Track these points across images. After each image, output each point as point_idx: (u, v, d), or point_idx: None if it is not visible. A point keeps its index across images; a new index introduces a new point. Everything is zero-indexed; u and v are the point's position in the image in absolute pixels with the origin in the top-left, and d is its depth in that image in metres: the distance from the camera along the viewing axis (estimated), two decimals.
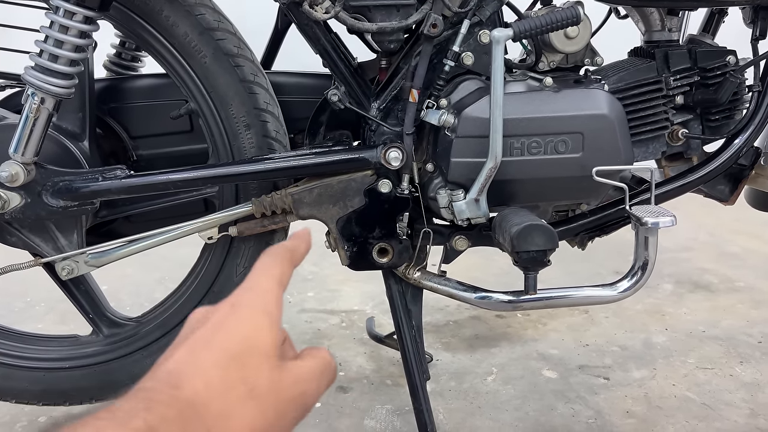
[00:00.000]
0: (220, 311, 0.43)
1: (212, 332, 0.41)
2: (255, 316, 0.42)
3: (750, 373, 1.46)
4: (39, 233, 1.08)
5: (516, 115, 0.98)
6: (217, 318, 0.42)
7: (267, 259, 0.48)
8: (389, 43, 1.03)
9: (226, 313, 0.42)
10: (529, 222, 0.93)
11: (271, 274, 0.46)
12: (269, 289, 0.45)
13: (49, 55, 0.95)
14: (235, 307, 0.43)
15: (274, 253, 0.49)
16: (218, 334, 0.41)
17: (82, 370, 1.15)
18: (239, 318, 0.42)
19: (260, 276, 0.46)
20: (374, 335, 1.47)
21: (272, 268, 0.47)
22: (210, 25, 1.02)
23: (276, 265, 0.47)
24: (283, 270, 0.47)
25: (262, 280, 0.46)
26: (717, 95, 1.08)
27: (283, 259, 0.48)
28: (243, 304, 0.43)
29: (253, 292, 0.44)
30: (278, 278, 0.46)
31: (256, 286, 0.45)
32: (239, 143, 1.06)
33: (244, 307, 0.43)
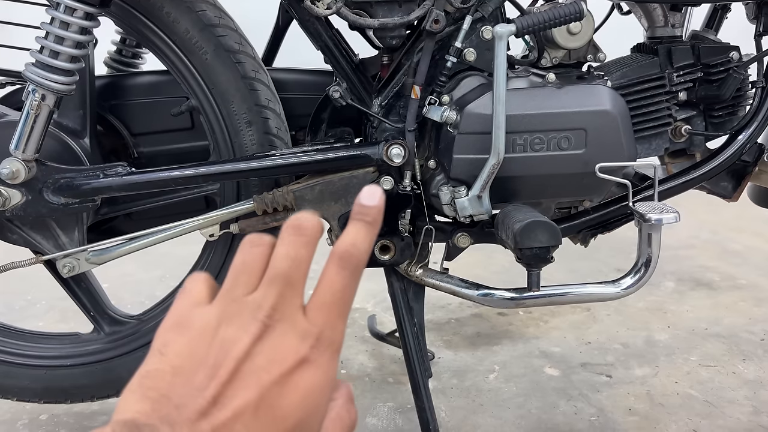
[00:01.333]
0: (288, 359, 0.36)
1: (277, 397, 0.35)
2: (321, 386, 0.37)
3: (752, 371, 1.46)
4: (40, 230, 1.07)
5: (518, 112, 0.97)
6: (284, 372, 0.36)
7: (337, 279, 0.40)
8: (391, 39, 1.03)
9: (294, 369, 0.36)
10: (532, 218, 0.92)
11: (343, 311, 0.39)
12: (338, 342, 0.38)
13: (50, 51, 0.95)
14: (305, 366, 0.37)
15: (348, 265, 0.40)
16: (282, 404, 0.36)
17: (84, 368, 1.15)
18: (306, 386, 0.36)
19: (333, 313, 0.39)
20: (376, 333, 1.47)
21: (345, 296, 0.39)
22: (211, 21, 1.02)
23: (348, 291, 0.40)
24: (352, 297, 0.40)
25: (336, 322, 0.39)
26: (720, 91, 1.07)
27: (355, 276, 0.40)
28: (312, 364, 0.37)
29: (325, 346, 0.38)
30: (347, 314, 0.40)
31: (329, 334, 0.38)
32: (240, 140, 1.05)
33: (313, 372, 0.37)
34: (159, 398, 0.34)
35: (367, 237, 0.41)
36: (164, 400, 0.34)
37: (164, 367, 0.36)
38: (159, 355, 0.37)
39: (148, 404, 0.34)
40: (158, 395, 0.35)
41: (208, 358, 0.36)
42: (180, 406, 0.34)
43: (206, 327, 0.38)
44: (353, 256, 0.40)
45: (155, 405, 0.34)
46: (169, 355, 0.37)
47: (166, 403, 0.34)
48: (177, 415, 0.34)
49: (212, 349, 0.37)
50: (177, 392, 0.35)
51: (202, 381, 0.35)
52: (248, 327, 0.37)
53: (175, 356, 0.36)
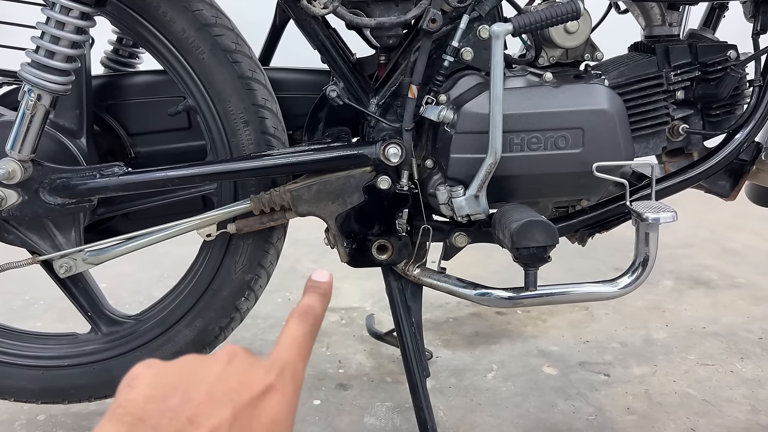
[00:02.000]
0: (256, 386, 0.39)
1: (248, 418, 0.37)
2: (286, 414, 0.39)
3: (751, 369, 1.46)
4: (37, 231, 1.07)
5: (516, 111, 0.97)
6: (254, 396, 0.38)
7: (298, 329, 0.45)
8: (388, 39, 1.03)
9: (262, 395, 0.39)
10: (530, 218, 0.92)
11: (304, 354, 0.44)
12: (300, 378, 0.42)
13: (46, 51, 0.94)
14: (271, 394, 0.39)
15: (308, 320, 0.46)
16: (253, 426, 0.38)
17: (81, 368, 1.15)
18: (274, 412, 0.39)
19: (296, 354, 0.43)
20: (374, 332, 1.47)
21: (305, 343, 0.44)
22: (207, 20, 1.02)
23: (308, 339, 0.45)
24: (311, 345, 0.45)
25: (298, 362, 0.43)
26: (718, 90, 1.07)
27: (314, 330, 0.46)
28: (278, 392, 0.40)
29: (288, 379, 0.41)
30: (307, 358, 0.44)
31: (292, 369, 0.42)
32: (237, 140, 1.05)
33: (279, 399, 0.39)
34: (134, 422, 0.35)
35: (321, 304, 0.49)
36: (140, 423, 0.35)
37: (136, 397, 0.37)
38: (128, 389, 0.38)
39: (124, 428, 0.35)
40: (133, 419, 0.35)
41: (179, 385, 0.38)
42: (156, 427, 0.35)
43: (174, 362, 0.40)
44: (310, 314, 0.47)
45: (131, 428, 0.35)
46: (138, 386, 0.38)
47: (142, 426, 0.35)
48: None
49: (182, 376, 0.39)
50: (152, 415, 0.36)
51: (176, 404, 0.36)
52: (218, 357, 0.41)
53: (145, 386, 0.38)
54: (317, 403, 1.35)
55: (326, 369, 1.48)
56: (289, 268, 2.08)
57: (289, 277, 2.00)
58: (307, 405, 1.34)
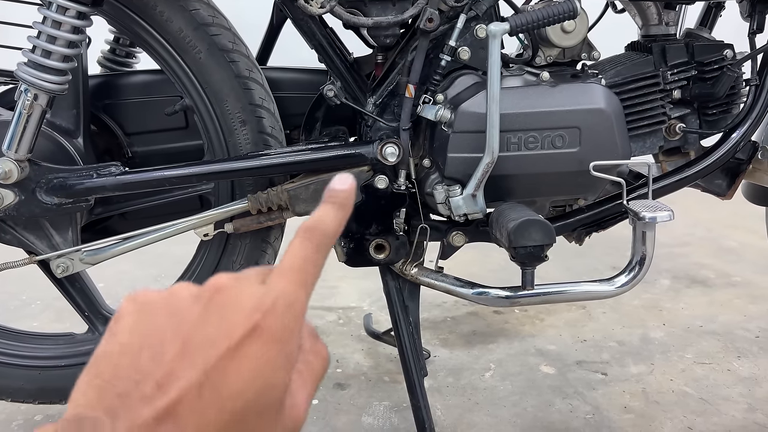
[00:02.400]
0: (236, 330, 0.33)
1: (222, 375, 0.32)
2: (275, 360, 0.33)
3: (747, 368, 1.46)
4: (33, 231, 1.07)
5: (513, 110, 0.97)
6: (231, 346, 0.33)
7: (299, 249, 0.38)
8: (385, 38, 1.03)
9: (242, 341, 0.33)
10: (527, 217, 0.93)
11: (304, 280, 0.37)
12: (298, 308, 0.35)
13: (42, 51, 0.94)
14: (254, 337, 0.33)
15: (312, 238, 0.38)
16: (228, 383, 0.32)
17: (78, 368, 1.12)
18: (255, 361, 0.33)
19: (292, 281, 0.36)
20: (372, 332, 1.47)
21: (307, 267, 0.37)
22: (205, 20, 1.01)
23: (311, 262, 0.38)
24: (315, 269, 0.38)
25: (295, 290, 0.36)
26: (714, 89, 1.07)
27: (319, 250, 0.38)
28: (264, 335, 0.33)
29: (279, 313, 0.34)
30: (310, 284, 0.37)
31: (285, 301, 0.35)
32: (234, 139, 1.05)
33: (263, 343, 0.33)
34: (104, 386, 0.32)
35: (334, 217, 0.40)
36: (108, 388, 0.32)
37: (113, 348, 0.34)
38: (110, 335, 0.35)
39: (94, 393, 0.32)
40: (103, 382, 0.33)
41: (157, 331, 0.34)
42: (123, 394, 0.32)
43: (160, 297, 0.35)
44: (317, 229, 0.39)
45: (100, 394, 0.32)
46: (118, 333, 0.34)
47: (110, 391, 0.32)
48: (120, 404, 0.32)
49: (163, 318, 0.34)
50: (122, 375, 0.32)
51: (147, 361, 0.33)
52: (203, 291, 0.35)
53: (125, 332, 0.34)
54: (315, 403, 1.35)
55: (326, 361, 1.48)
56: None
57: None
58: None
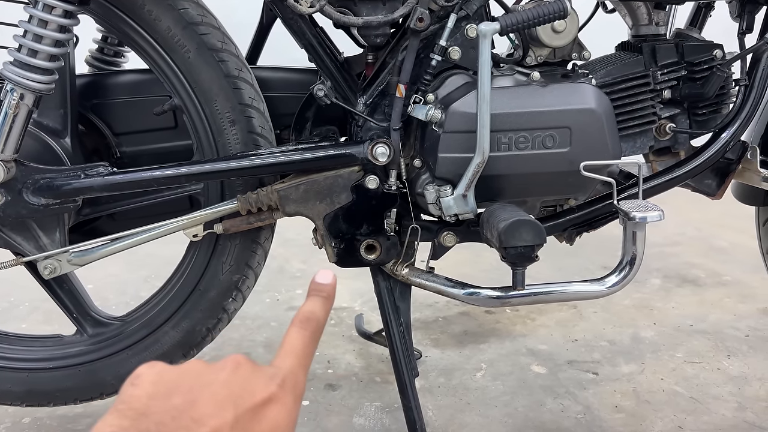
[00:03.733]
0: (258, 394, 0.39)
1: (249, 423, 0.38)
2: (286, 424, 0.40)
3: (737, 367, 1.47)
4: (20, 232, 1.06)
5: (503, 110, 0.97)
6: (256, 404, 0.39)
7: (298, 337, 0.45)
8: (375, 38, 1.02)
9: (264, 404, 0.39)
10: (517, 217, 0.92)
11: (304, 363, 0.44)
12: (300, 388, 0.43)
13: (28, 50, 0.93)
14: (273, 403, 0.40)
15: (309, 327, 0.46)
16: (258, 426, 0.38)
17: (66, 370, 1.14)
18: (274, 421, 0.39)
19: (296, 364, 0.43)
20: (363, 332, 1.46)
21: (306, 351, 0.44)
22: (193, 19, 1.01)
23: (309, 348, 0.45)
24: (312, 353, 0.45)
25: (299, 371, 0.43)
26: (704, 89, 1.08)
27: (315, 337, 0.46)
28: (279, 402, 0.40)
29: (289, 389, 0.41)
30: (308, 366, 0.44)
31: (293, 379, 0.42)
32: (224, 139, 1.04)
33: (280, 409, 0.40)
34: (138, 416, 0.35)
35: (323, 308, 0.48)
36: (143, 417, 0.35)
37: (140, 393, 0.37)
38: (132, 386, 0.38)
39: (128, 421, 0.35)
40: (137, 414, 0.36)
41: (182, 386, 0.38)
42: (160, 422, 0.35)
43: (178, 366, 0.41)
44: (311, 320, 0.46)
45: (134, 422, 0.35)
46: (142, 384, 0.38)
47: (145, 419, 0.35)
48: (157, 429, 0.35)
49: (185, 378, 0.39)
50: (155, 411, 0.36)
51: (179, 403, 0.36)
52: (222, 364, 0.41)
53: (149, 384, 0.38)
54: (306, 404, 1.35)
55: (315, 369, 1.47)
56: (278, 268, 2.07)
57: (277, 278, 2.00)
58: None
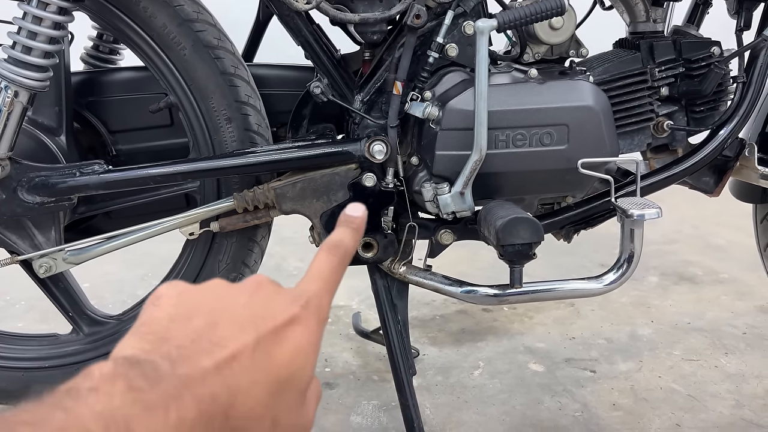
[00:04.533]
0: (280, 315, 0.38)
1: (271, 345, 0.37)
2: (309, 346, 0.39)
3: (735, 364, 1.47)
4: (15, 230, 1.05)
5: (501, 107, 0.97)
6: (277, 326, 0.38)
7: (325, 262, 0.44)
8: (372, 35, 1.02)
9: (286, 325, 0.38)
10: (514, 215, 0.92)
11: (330, 288, 0.43)
12: (325, 311, 0.41)
13: (23, 47, 0.92)
14: (295, 324, 0.39)
15: (337, 253, 0.45)
16: (276, 354, 0.37)
17: (62, 369, 1.13)
18: (296, 343, 0.38)
19: (322, 287, 0.42)
20: (360, 331, 1.46)
21: (333, 277, 0.43)
22: (189, 16, 1.00)
23: (336, 274, 0.44)
24: (338, 279, 0.44)
25: (324, 295, 0.42)
26: (702, 86, 1.07)
27: (342, 264, 0.45)
28: (302, 324, 0.39)
29: (313, 311, 0.40)
30: (333, 291, 0.43)
31: (317, 302, 0.41)
32: (220, 137, 1.04)
33: (302, 331, 0.39)
34: (158, 340, 0.35)
35: (352, 238, 0.47)
36: (163, 341, 0.35)
37: (160, 315, 0.37)
38: (153, 306, 0.38)
39: (148, 344, 0.35)
40: (157, 338, 0.35)
41: (204, 307, 0.38)
42: (180, 345, 0.35)
43: (200, 285, 0.40)
44: (340, 247, 0.46)
45: (155, 345, 0.35)
46: (163, 305, 0.37)
47: (165, 343, 0.35)
48: (177, 352, 0.34)
49: (207, 300, 0.38)
50: (175, 335, 0.36)
51: (200, 325, 0.36)
52: (244, 285, 0.40)
53: (170, 306, 0.38)
54: None
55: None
56: (275, 267, 2.06)
57: (274, 276, 1.97)
58: None
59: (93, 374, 0.32)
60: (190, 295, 0.39)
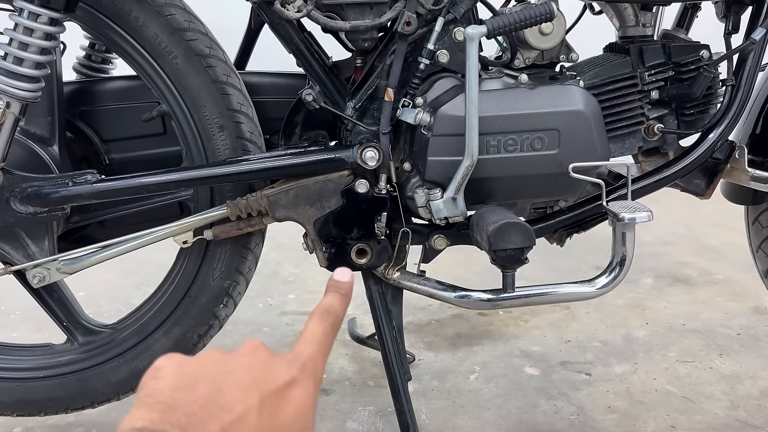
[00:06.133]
0: (280, 377, 0.40)
1: (275, 406, 0.39)
2: (308, 407, 0.41)
3: (729, 366, 1.47)
4: (8, 240, 1.05)
5: (492, 113, 0.97)
6: (279, 387, 0.40)
7: (318, 327, 0.46)
8: (363, 42, 1.02)
9: (286, 387, 0.40)
10: (506, 220, 0.92)
11: (324, 351, 0.45)
12: (320, 373, 0.44)
13: (14, 58, 0.93)
14: (294, 386, 0.40)
15: (328, 319, 0.47)
16: (279, 414, 0.39)
17: (57, 379, 1.13)
18: (297, 403, 0.40)
19: (316, 351, 0.44)
20: (356, 336, 1.46)
21: (325, 341, 0.46)
22: (180, 25, 1.00)
23: (328, 337, 0.46)
24: (331, 342, 0.46)
25: (318, 358, 0.44)
26: (691, 90, 1.08)
27: (334, 328, 0.47)
28: (300, 386, 0.41)
29: (309, 373, 0.42)
30: (327, 354, 0.45)
31: (313, 365, 0.43)
32: (213, 145, 1.04)
33: (301, 392, 0.41)
34: (166, 409, 0.36)
35: (341, 304, 0.49)
36: (171, 410, 0.36)
37: (163, 385, 0.38)
38: (153, 380, 0.38)
39: (157, 414, 0.36)
40: (164, 407, 0.36)
41: (205, 375, 0.38)
42: (189, 413, 0.36)
43: (197, 356, 0.41)
44: (331, 313, 0.48)
45: (164, 415, 0.36)
46: (164, 377, 0.38)
47: (173, 413, 0.36)
48: (187, 420, 0.35)
49: (206, 368, 0.39)
50: (182, 403, 0.36)
51: (205, 392, 0.37)
52: (240, 351, 0.42)
53: (171, 376, 0.38)
54: None
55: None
56: (271, 273, 2.06)
57: (270, 282, 1.99)
58: None
59: None
60: (189, 365, 0.39)
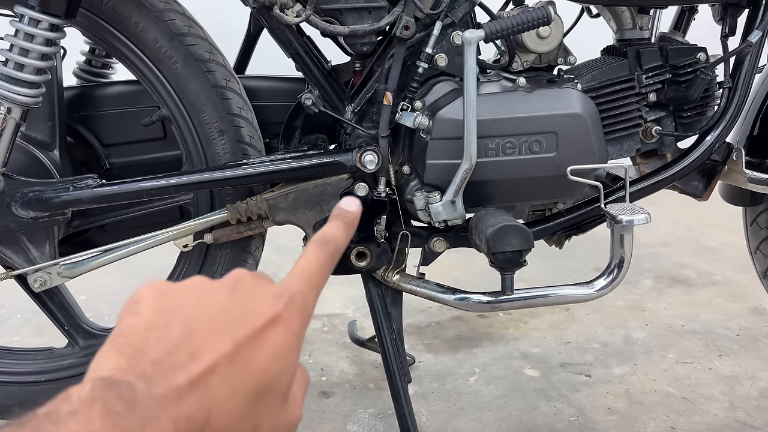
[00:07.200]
0: (260, 315, 0.37)
1: (249, 352, 0.36)
2: (290, 347, 0.38)
3: (728, 366, 1.48)
4: (9, 245, 1.06)
5: (490, 116, 0.98)
6: (257, 328, 0.36)
7: (314, 257, 0.42)
8: (362, 46, 1.03)
9: (266, 326, 0.37)
10: (504, 223, 0.93)
11: (317, 285, 0.41)
12: (309, 309, 0.40)
13: (15, 63, 0.93)
14: (276, 325, 0.37)
15: (327, 249, 0.43)
16: (254, 360, 0.36)
17: (58, 383, 1.13)
18: (276, 345, 0.37)
19: (307, 284, 0.40)
20: (356, 339, 1.46)
21: (320, 273, 0.41)
22: (180, 30, 1.01)
23: (324, 270, 0.42)
24: (326, 276, 0.42)
25: (309, 292, 0.40)
26: (688, 92, 1.09)
27: (332, 260, 0.43)
28: (284, 323, 0.37)
29: (296, 309, 0.39)
30: (320, 289, 0.41)
31: (301, 299, 0.39)
32: (213, 149, 1.05)
33: (283, 331, 0.37)
34: (134, 353, 0.34)
35: (344, 233, 0.45)
36: (140, 355, 0.34)
37: (137, 323, 0.36)
38: (130, 313, 0.37)
39: (124, 360, 0.34)
40: (133, 350, 0.34)
41: (182, 311, 0.36)
42: (156, 361, 0.34)
43: (179, 284, 0.38)
44: (330, 242, 0.44)
45: (131, 360, 0.34)
46: (142, 312, 0.36)
47: (142, 358, 0.34)
48: (153, 370, 0.34)
49: (186, 301, 0.37)
50: (152, 346, 0.35)
51: (177, 335, 0.35)
52: (224, 282, 0.39)
53: (149, 312, 0.36)
54: None
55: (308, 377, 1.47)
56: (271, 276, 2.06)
57: None
58: None
59: (71, 398, 0.31)
60: (170, 297, 0.37)
